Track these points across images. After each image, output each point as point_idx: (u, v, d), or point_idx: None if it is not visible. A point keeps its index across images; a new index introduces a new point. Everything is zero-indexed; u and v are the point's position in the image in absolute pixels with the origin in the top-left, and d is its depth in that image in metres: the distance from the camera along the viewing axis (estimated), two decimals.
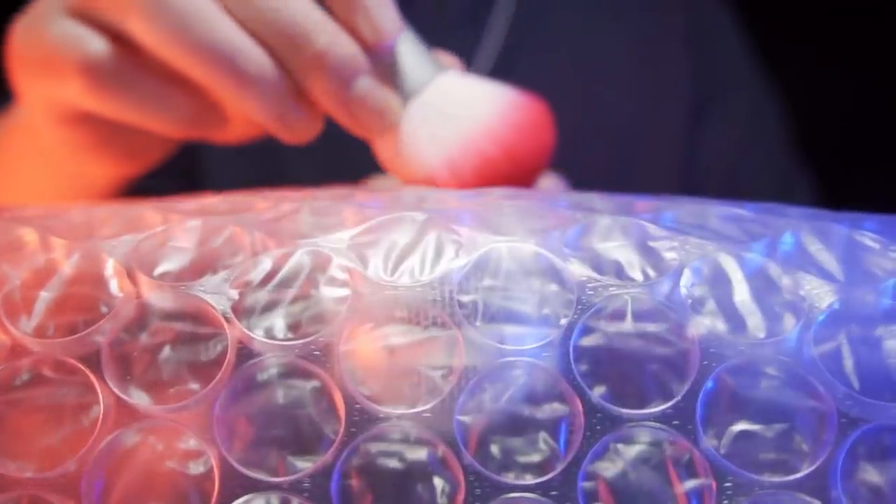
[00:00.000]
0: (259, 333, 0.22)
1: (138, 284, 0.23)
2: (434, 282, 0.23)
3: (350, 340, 0.22)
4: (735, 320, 0.23)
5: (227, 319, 0.22)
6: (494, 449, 0.22)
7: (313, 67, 0.28)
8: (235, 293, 0.23)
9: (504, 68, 0.51)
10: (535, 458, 0.22)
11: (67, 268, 0.23)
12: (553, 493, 0.21)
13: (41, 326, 0.23)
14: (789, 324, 0.23)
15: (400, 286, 0.23)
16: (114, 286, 0.23)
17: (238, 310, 0.22)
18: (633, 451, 0.22)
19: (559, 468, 0.22)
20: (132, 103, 0.30)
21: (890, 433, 0.22)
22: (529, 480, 0.22)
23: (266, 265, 0.23)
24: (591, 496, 0.22)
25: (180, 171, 0.44)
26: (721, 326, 0.23)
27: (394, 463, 0.22)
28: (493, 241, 0.23)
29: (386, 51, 0.29)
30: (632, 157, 0.53)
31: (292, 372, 0.22)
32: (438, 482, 0.22)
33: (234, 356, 0.22)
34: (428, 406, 0.22)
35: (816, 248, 0.24)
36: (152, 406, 0.22)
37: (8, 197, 0.40)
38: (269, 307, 0.23)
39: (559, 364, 0.22)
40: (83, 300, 0.23)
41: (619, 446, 0.22)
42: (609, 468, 0.22)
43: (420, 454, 0.22)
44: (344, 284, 0.23)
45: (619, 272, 0.23)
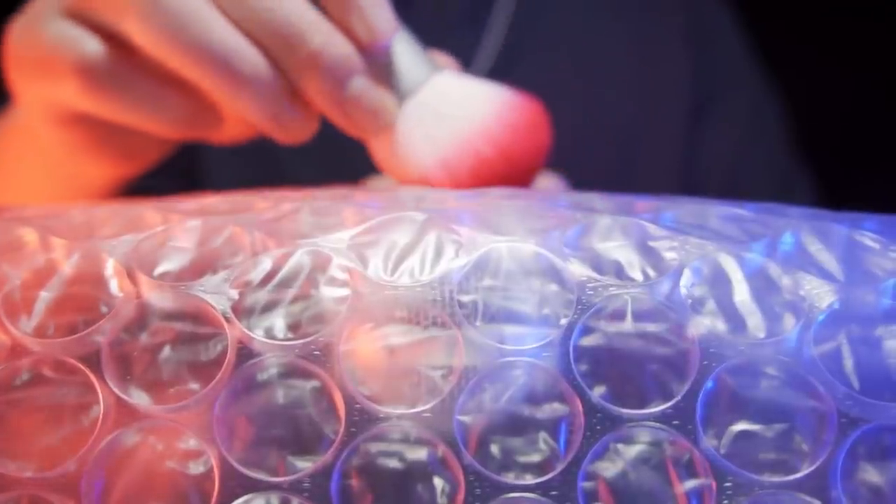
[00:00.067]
0: (259, 333, 0.22)
1: (138, 284, 0.23)
2: (434, 282, 0.23)
3: (350, 340, 0.22)
4: (735, 320, 0.23)
5: (227, 319, 0.22)
6: (494, 449, 0.22)
7: (308, 67, 0.28)
8: (235, 293, 0.23)
9: (504, 68, 0.51)
10: (535, 458, 0.22)
11: (67, 268, 0.23)
12: (553, 493, 0.21)
13: (41, 326, 0.23)
14: (789, 324, 0.23)
15: (400, 286, 0.23)
16: (114, 286, 0.23)
17: (238, 310, 0.22)
18: (633, 451, 0.22)
19: (559, 468, 0.22)
20: (128, 104, 0.30)
21: (890, 433, 0.22)
22: (529, 480, 0.22)
23: (266, 265, 0.23)
24: (591, 496, 0.22)
25: (179, 171, 0.44)
26: (721, 326, 0.23)
27: (394, 463, 0.22)
28: (493, 241, 0.23)
29: (381, 51, 0.29)
30: (632, 157, 0.53)
31: (292, 372, 0.22)
32: (438, 482, 0.22)
33: (234, 356, 0.22)
34: (428, 406, 0.22)
35: (816, 248, 0.24)
36: (152, 406, 0.22)
37: (6, 198, 0.40)
38: (269, 307, 0.23)
39: (559, 364, 0.22)
40: (83, 300, 0.23)
41: (619, 446, 0.22)
42: (609, 468, 0.22)
43: (420, 454, 0.22)
44: (344, 284, 0.23)
45: (619, 272, 0.23)
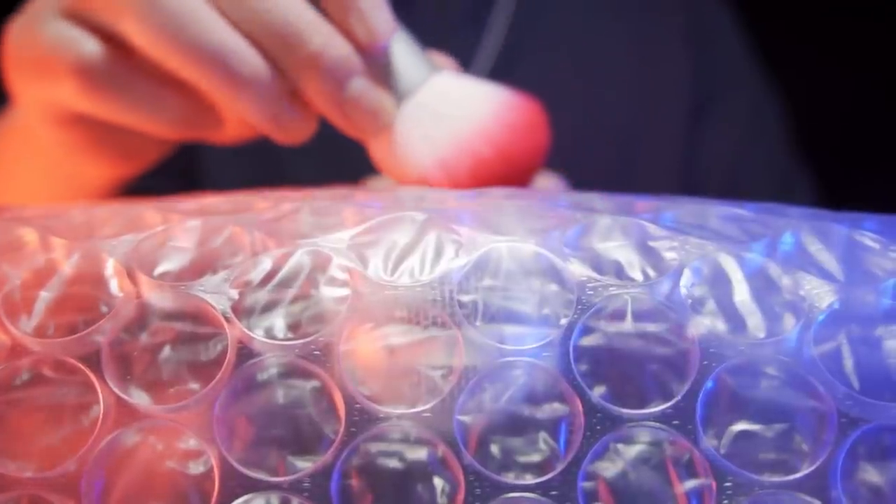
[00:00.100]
0: (259, 333, 0.22)
1: (138, 284, 0.23)
2: (434, 282, 0.23)
3: (350, 340, 0.22)
4: (735, 320, 0.23)
5: (227, 319, 0.22)
6: (494, 449, 0.22)
7: (307, 68, 0.28)
8: (235, 293, 0.23)
9: (504, 68, 0.51)
10: (535, 458, 0.22)
11: (67, 268, 0.23)
12: (553, 493, 0.21)
13: (41, 326, 0.23)
14: (789, 324, 0.23)
15: (400, 286, 0.23)
16: (114, 286, 0.23)
17: (238, 310, 0.22)
18: (633, 451, 0.22)
19: (559, 468, 0.22)
20: (126, 105, 0.30)
21: (890, 433, 0.22)
22: (529, 480, 0.22)
23: (266, 265, 0.23)
24: (591, 496, 0.22)
25: (179, 171, 0.44)
26: (721, 326, 0.23)
27: (394, 463, 0.22)
28: (493, 241, 0.23)
29: (380, 51, 0.29)
30: (632, 157, 0.53)
31: (292, 372, 0.22)
32: (438, 482, 0.22)
33: (234, 356, 0.22)
34: (428, 406, 0.22)
35: (816, 248, 0.24)
36: (152, 406, 0.22)
37: (6, 198, 0.40)
38: (269, 307, 0.23)
39: (559, 364, 0.22)
40: (83, 300, 0.23)
41: (619, 446, 0.22)
42: (609, 468, 0.22)
43: (420, 454, 0.22)
44: (344, 284, 0.23)
45: (619, 272, 0.23)
